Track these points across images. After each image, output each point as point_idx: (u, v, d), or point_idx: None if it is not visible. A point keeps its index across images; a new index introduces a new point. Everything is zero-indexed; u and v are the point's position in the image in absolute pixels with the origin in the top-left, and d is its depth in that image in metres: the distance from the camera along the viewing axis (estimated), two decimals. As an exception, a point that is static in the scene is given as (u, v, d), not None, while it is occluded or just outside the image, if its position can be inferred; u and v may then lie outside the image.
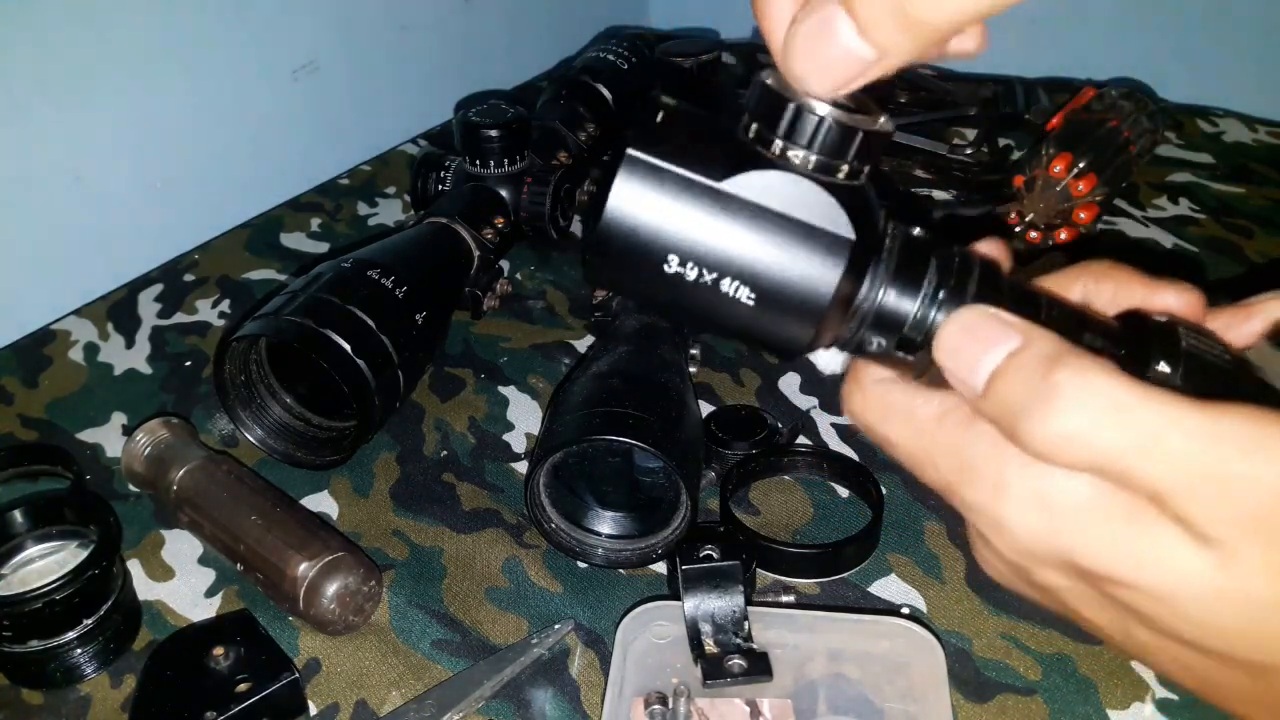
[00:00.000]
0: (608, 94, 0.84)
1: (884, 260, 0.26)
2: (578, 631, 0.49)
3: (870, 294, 0.26)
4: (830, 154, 0.25)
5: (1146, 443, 0.23)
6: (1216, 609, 0.23)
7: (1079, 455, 0.23)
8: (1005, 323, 0.25)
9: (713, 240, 0.25)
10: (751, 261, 0.25)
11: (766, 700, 0.43)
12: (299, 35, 0.85)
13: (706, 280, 0.25)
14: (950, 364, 0.25)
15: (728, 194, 0.25)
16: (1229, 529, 0.22)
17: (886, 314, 0.26)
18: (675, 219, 0.25)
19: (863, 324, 0.26)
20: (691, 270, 0.25)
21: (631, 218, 0.25)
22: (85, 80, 0.70)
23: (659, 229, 0.25)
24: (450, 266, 0.66)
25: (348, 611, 0.48)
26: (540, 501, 0.52)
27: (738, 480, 0.55)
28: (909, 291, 0.26)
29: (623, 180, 0.24)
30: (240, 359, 0.57)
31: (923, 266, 0.26)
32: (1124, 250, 0.77)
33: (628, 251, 0.25)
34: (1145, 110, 0.80)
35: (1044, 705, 0.45)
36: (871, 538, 0.52)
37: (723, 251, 0.25)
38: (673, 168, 0.24)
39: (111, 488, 0.58)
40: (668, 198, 0.24)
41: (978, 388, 0.25)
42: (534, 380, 0.66)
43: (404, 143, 0.95)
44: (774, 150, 0.25)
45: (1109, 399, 0.23)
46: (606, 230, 0.25)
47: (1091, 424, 0.23)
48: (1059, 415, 0.23)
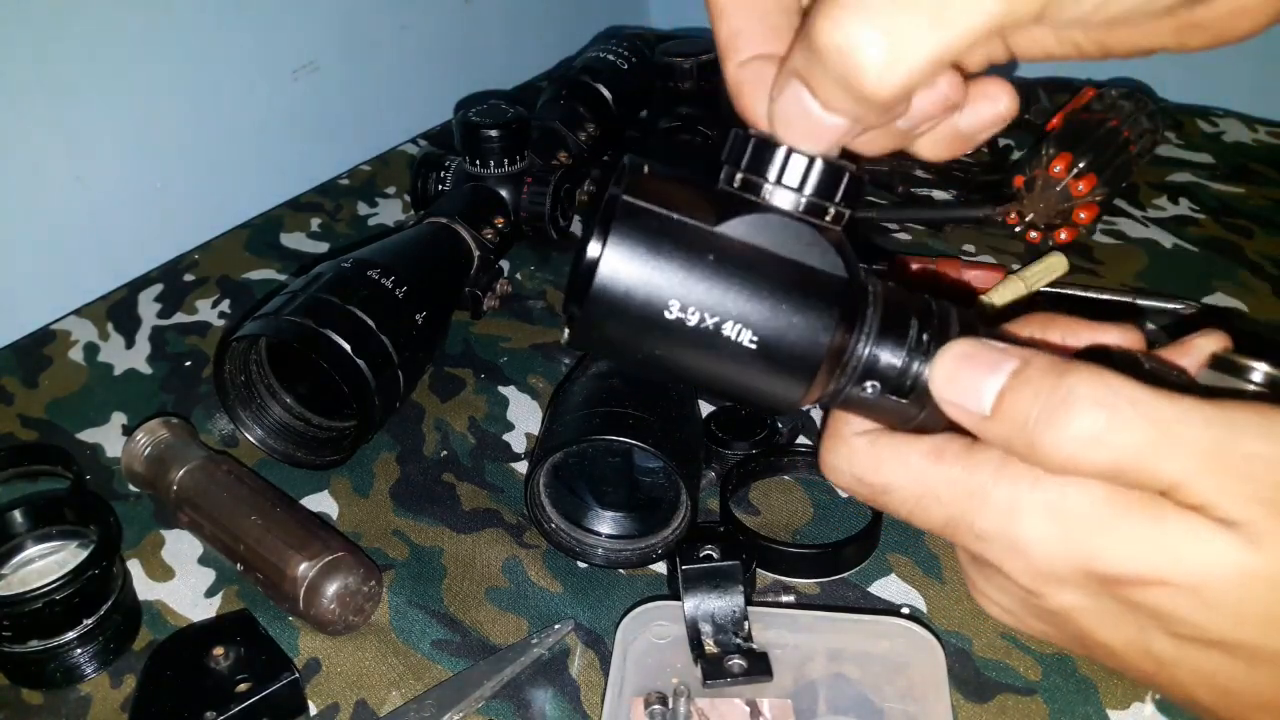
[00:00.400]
0: (608, 94, 0.84)
1: (870, 307, 0.26)
2: (578, 631, 0.49)
3: (862, 336, 0.26)
4: (819, 195, 0.25)
5: (1165, 434, 0.23)
6: (1245, 591, 0.23)
7: (1103, 455, 0.23)
8: (999, 348, 0.25)
9: (713, 283, 0.24)
10: (753, 303, 0.25)
11: (766, 700, 0.43)
12: (299, 35, 0.85)
13: (708, 324, 0.25)
14: (950, 392, 0.26)
15: (724, 236, 0.25)
16: (1251, 510, 0.23)
17: (878, 356, 0.26)
18: (674, 263, 0.24)
19: (855, 370, 0.26)
20: (693, 315, 0.24)
21: (631, 264, 0.24)
22: (85, 81, 0.70)
23: (658, 274, 0.24)
24: (450, 266, 0.66)
25: (348, 611, 0.48)
26: (540, 501, 0.52)
27: (738, 480, 0.55)
28: (898, 335, 0.26)
29: (620, 226, 0.24)
30: (240, 359, 0.57)
31: (906, 314, 0.26)
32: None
33: (626, 300, 0.24)
34: (1145, 110, 0.80)
35: (1044, 705, 0.45)
36: (871, 538, 0.52)
37: (723, 294, 0.24)
38: (667, 213, 0.24)
39: (111, 488, 0.58)
40: (665, 243, 0.24)
41: (984, 410, 0.25)
42: (534, 380, 0.66)
43: (404, 143, 0.95)
44: (763, 195, 0.25)
45: (1127, 396, 0.23)
46: (606, 281, 0.24)
47: (1111, 422, 0.23)
48: (1079, 417, 0.23)
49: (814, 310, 0.25)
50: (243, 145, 0.83)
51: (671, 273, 0.24)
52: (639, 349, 0.26)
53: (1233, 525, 0.23)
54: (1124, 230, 0.79)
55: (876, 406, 0.27)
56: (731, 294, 0.24)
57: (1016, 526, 0.25)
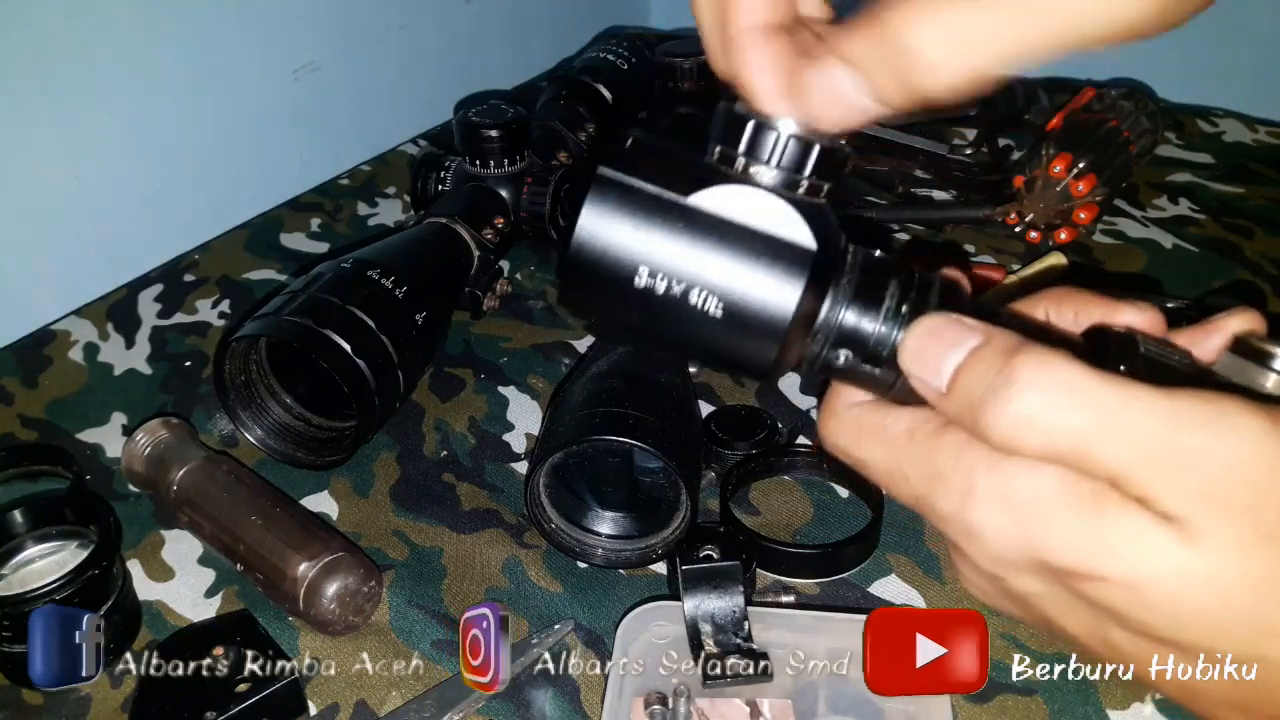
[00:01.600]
0: (608, 94, 0.84)
1: (845, 276, 0.27)
2: (578, 631, 0.49)
3: (834, 306, 0.27)
4: (790, 169, 0.26)
5: (1104, 422, 0.23)
6: (1183, 592, 0.23)
7: (1040, 439, 0.23)
8: (967, 324, 0.26)
9: (680, 252, 0.26)
10: (718, 271, 0.26)
11: (766, 700, 0.43)
12: (299, 35, 0.85)
13: (675, 292, 0.26)
14: (915, 367, 0.26)
15: (693, 208, 0.26)
16: (1190, 505, 0.22)
17: (850, 326, 0.27)
18: (644, 232, 0.26)
19: (828, 338, 0.27)
20: (661, 282, 0.26)
21: (603, 233, 0.26)
22: (85, 80, 0.70)
23: (629, 242, 0.26)
24: (450, 266, 0.66)
25: (348, 611, 0.48)
26: (540, 501, 0.52)
27: (738, 480, 0.55)
28: (872, 304, 0.27)
29: (594, 197, 0.26)
30: (240, 359, 0.57)
31: (884, 284, 0.27)
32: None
33: (600, 266, 0.26)
34: (1145, 110, 0.80)
35: (1044, 705, 0.45)
36: (871, 538, 0.52)
37: (690, 262, 0.26)
38: (640, 184, 0.26)
39: (111, 488, 0.58)
40: (636, 213, 0.26)
41: (942, 386, 0.25)
42: (534, 380, 0.66)
43: (404, 143, 0.95)
44: (737, 167, 0.26)
45: (1067, 381, 0.23)
46: (579, 246, 0.26)
47: (1049, 405, 0.23)
48: (1017, 399, 0.23)
49: (778, 280, 0.26)
50: (243, 145, 0.83)
51: (640, 241, 0.26)
52: (614, 312, 0.27)
53: (1172, 520, 0.23)
54: (1124, 230, 0.79)
55: (852, 374, 0.28)
56: (697, 263, 0.26)
57: (971, 511, 0.25)
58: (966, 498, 0.25)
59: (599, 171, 0.26)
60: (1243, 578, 0.22)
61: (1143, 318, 0.29)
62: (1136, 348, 0.26)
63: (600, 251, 0.26)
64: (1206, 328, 0.29)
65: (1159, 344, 0.27)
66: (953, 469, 0.25)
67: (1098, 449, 0.23)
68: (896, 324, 0.26)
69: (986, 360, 0.24)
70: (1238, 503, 0.22)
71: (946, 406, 0.26)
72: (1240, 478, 0.22)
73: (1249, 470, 0.22)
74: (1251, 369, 0.26)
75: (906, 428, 0.27)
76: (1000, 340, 0.25)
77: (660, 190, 0.26)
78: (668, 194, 0.26)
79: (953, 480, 0.25)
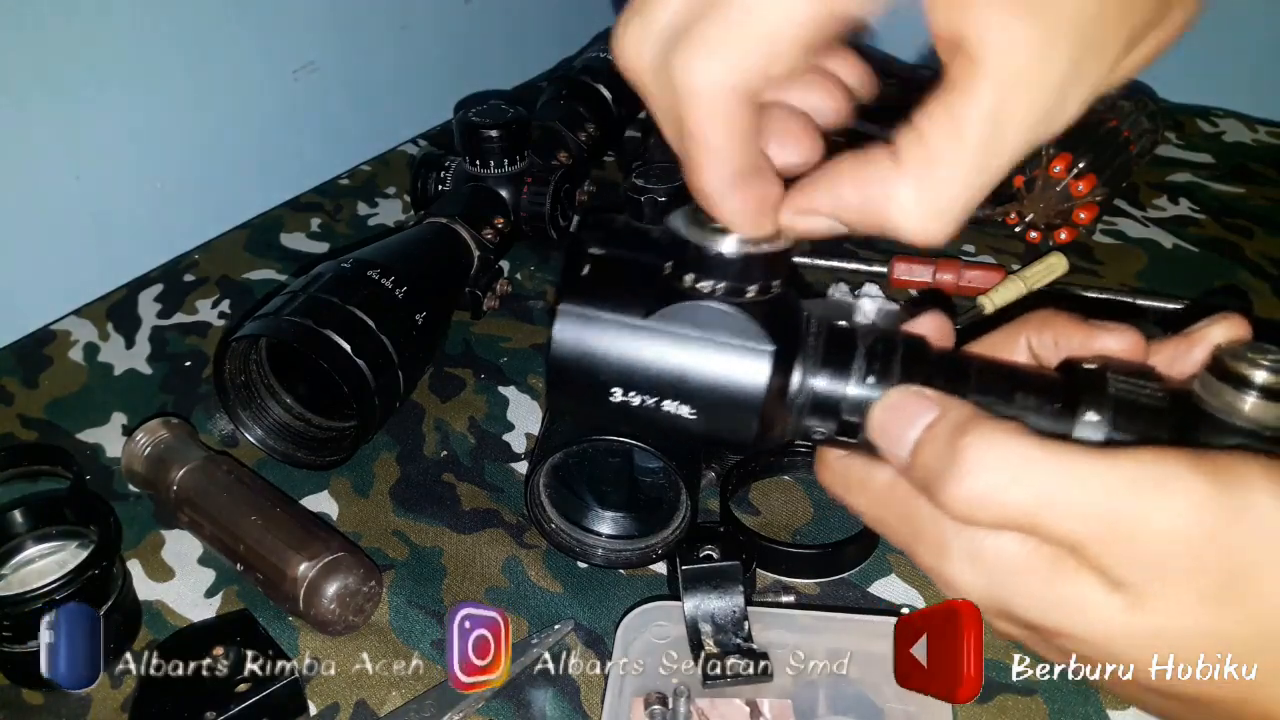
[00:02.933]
0: (608, 94, 0.84)
1: (810, 356, 0.28)
2: (578, 631, 0.49)
3: (803, 389, 0.28)
4: (737, 279, 0.27)
5: (1051, 497, 0.24)
6: (1132, 648, 0.25)
7: (994, 514, 0.25)
8: (925, 397, 0.27)
9: (646, 369, 0.28)
10: (684, 383, 0.28)
11: (766, 700, 0.43)
12: (299, 35, 0.85)
13: (650, 404, 0.28)
14: (880, 440, 0.28)
15: (652, 327, 0.27)
16: (1135, 572, 0.24)
17: (821, 405, 0.28)
18: (611, 356, 0.28)
19: (800, 420, 0.29)
20: (635, 398, 0.28)
21: (573, 361, 0.28)
22: (85, 80, 0.70)
23: (598, 366, 0.28)
24: (450, 266, 0.66)
25: (348, 611, 0.48)
26: (540, 501, 0.52)
27: (738, 480, 0.55)
28: (838, 380, 0.28)
29: (559, 329, 0.28)
30: (240, 359, 0.57)
31: (849, 355, 0.28)
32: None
33: (577, 387, 0.28)
34: (1145, 110, 0.80)
35: (1044, 705, 0.45)
36: (871, 538, 0.52)
37: (657, 378, 0.28)
38: (600, 313, 0.28)
39: (111, 488, 0.58)
40: (602, 339, 0.28)
41: (904, 460, 0.27)
42: (534, 380, 0.66)
43: (404, 143, 0.95)
44: (686, 283, 0.28)
45: (1012, 459, 0.25)
46: (555, 373, 0.28)
47: (995, 485, 0.25)
48: (965, 478, 0.25)
49: (740, 384, 0.27)
50: (243, 145, 0.83)
51: (608, 366, 0.28)
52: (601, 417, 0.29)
53: (1120, 587, 0.24)
54: (1124, 230, 0.79)
55: (832, 443, 0.29)
56: (663, 378, 0.28)
57: (946, 566, 0.27)
58: (940, 554, 0.27)
59: (560, 306, 0.28)
60: (1185, 639, 0.24)
61: (1121, 342, 0.29)
62: (1106, 387, 0.27)
63: (574, 374, 0.28)
64: (1189, 339, 0.29)
65: (1129, 378, 0.28)
66: (928, 525, 0.27)
67: (1047, 523, 0.24)
68: (865, 392, 0.28)
69: (939, 438, 0.26)
70: (1180, 568, 0.23)
71: (910, 477, 0.27)
72: (1182, 544, 0.23)
73: (1190, 535, 0.23)
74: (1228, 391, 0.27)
75: (888, 480, 0.28)
76: (953, 415, 0.26)
77: (619, 315, 0.28)
78: (627, 318, 0.28)
79: (928, 535, 0.27)
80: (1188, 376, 0.29)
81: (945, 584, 0.27)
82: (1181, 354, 0.29)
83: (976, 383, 0.28)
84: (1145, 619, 0.24)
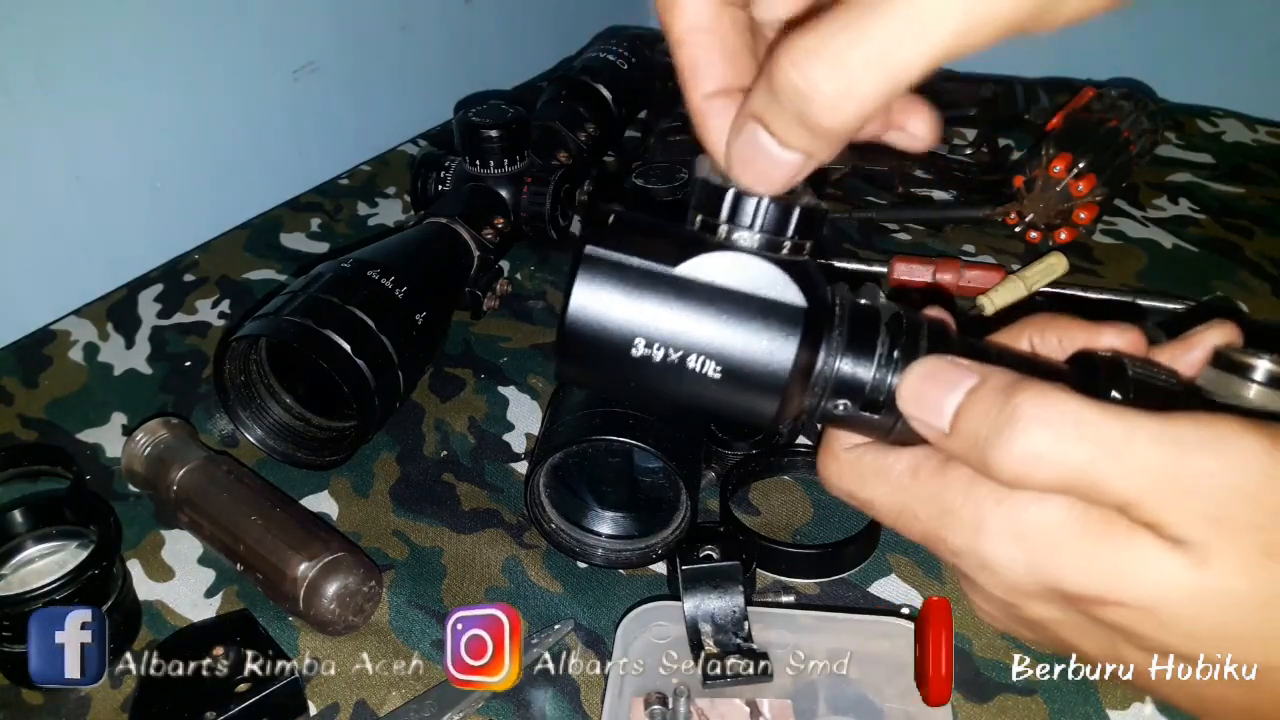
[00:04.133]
0: (608, 94, 0.84)
1: (837, 328, 0.27)
2: (578, 631, 0.49)
3: (829, 359, 0.27)
4: (772, 231, 0.26)
5: (1110, 452, 0.23)
6: (1197, 611, 0.24)
7: (1048, 473, 0.24)
8: (962, 365, 0.26)
9: (674, 321, 0.26)
10: (713, 337, 0.26)
11: (766, 700, 0.43)
12: (299, 35, 0.85)
13: (673, 359, 0.27)
14: (915, 410, 0.27)
15: (682, 277, 0.26)
16: (1198, 528, 0.23)
17: (846, 377, 0.27)
18: (637, 305, 0.26)
19: (825, 389, 0.28)
20: (658, 351, 0.27)
21: (597, 308, 0.26)
22: (85, 80, 0.70)
23: (623, 315, 0.26)
24: (450, 266, 0.66)
25: (348, 612, 0.48)
26: (540, 501, 0.52)
27: (738, 480, 0.55)
28: (864, 354, 0.27)
29: (584, 274, 0.26)
30: (240, 359, 0.57)
31: (874, 331, 0.27)
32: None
33: (596, 340, 0.27)
34: (1145, 110, 0.80)
35: (1044, 705, 0.45)
36: (871, 538, 0.52)
37: (685, 330, 0.26)
38: (628, 259, 0.26)
39: (111, 488, 0.58)
40: (627, 286, 0.26)
41: (944, 427, 0.26)
42: (534, 380, 0.66)
43: (404, 143, 0.95)
44: (720, 235, 0.27)
45: (1070, 415, 0.24)
46: (574, 322, 0.27)
47: (1056, 439, 0.24)
48: (1024, 435, 0.24)
49: (772, 341, 0.26)
50: (243, 145, 0.83)
51: (633, 314, 0.26)
52: (615, 381, 0.28)
53: (1181, 544, 0.23)
54: (1124, 230, 0.79)
55: (853, 421, 0.28)
56: (691, 331, 0.26)
57: (983, 545, 0.26)
58: (978, 531, 0.26)
59: (586, 250, 0.26)
60: (1252, 594, 0.23)
61: (1124, 339, 0.29)
62: (1125, 371, 0.27)
63: (595, 326, 0.27)
64: (1186, 342, 0.29)
65: (1144, 365, 0.28)
66: (961, 504, 0.26)
67: (1106, 479, 0.23)
68: (890, 370, 0.27)
69: (987, 400, 0.25)
70: (1243, 524, 0.23)
71: (950, 446, 0.26)
72: (1245, 499, 0.23)
73: (1253, 491, 0.23)
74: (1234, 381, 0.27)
75: (909, 466, 0.28)
76: (997, 379, 0.25)
77: (648, 263, 0.26)
78: (656, 265, 0.26)
79: (962, 515, 0.26)
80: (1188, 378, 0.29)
81: (979, 565, 0.26)
82: (1179, 356, 0.29)
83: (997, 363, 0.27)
84: (1210, 577, 0.23)
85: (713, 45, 0.27)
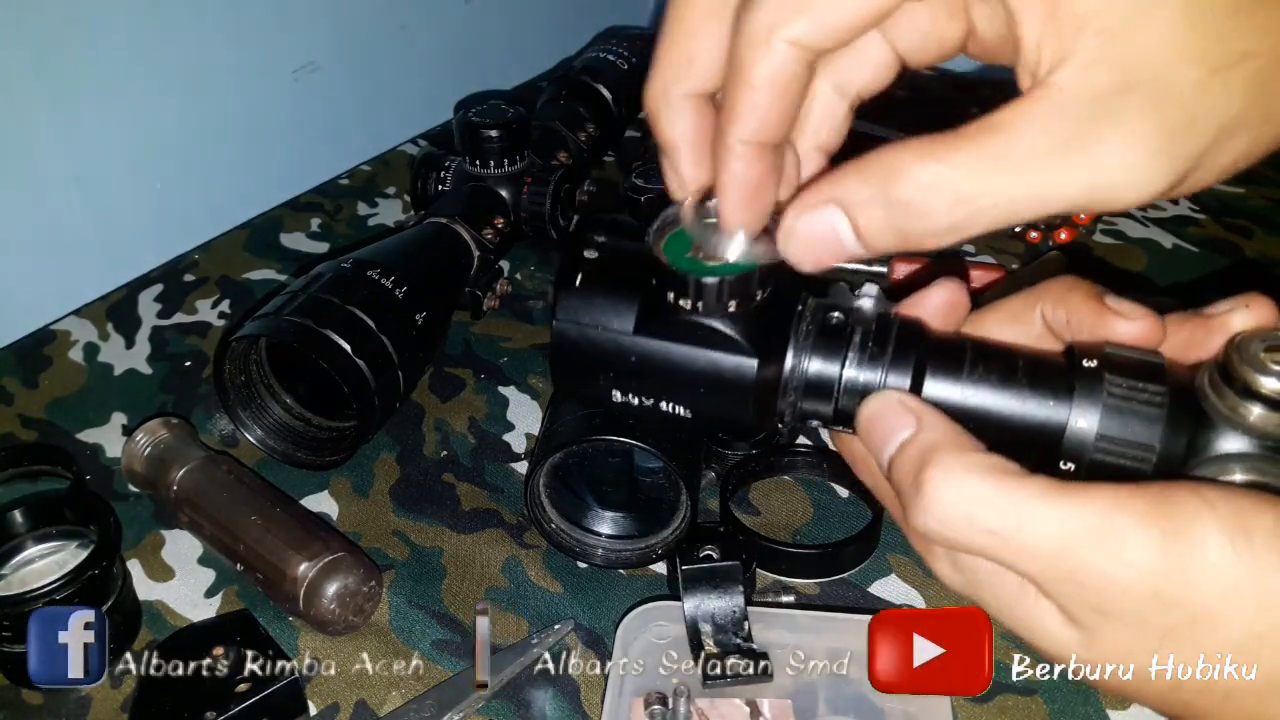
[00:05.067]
0: (608, 94, 0.84)
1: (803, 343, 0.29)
2: (578, 631, 0.49)
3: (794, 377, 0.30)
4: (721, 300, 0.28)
5: (1006, 538, 0.25)
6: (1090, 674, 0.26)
7: (952, 545, 0.26)
8: (905, 408, 0.28)
9: (640, 378, 0.30)
10: (677, 389, 0.30)
11: (766, 700, 0.43)
12: (299, 35, 0.85)
13: (648, 404, 0.31)
14: (867, 444, 0.29)
15: (640, 342, 0.29)
16: (1085, 615, 0.25)
17: (815, 390, 0.30)
18: (605, 366, 0.30)
19: (799, 402, 0.30)
20: (634, 399, 0.31)
21: (571, 368, 0.31)
22: (85, 81, 0.70)
23: (596, 374, 0.30)
24: (450, 266, 0.66)
25: (348, 612, 0.48)
26: (540, 502, 0.52)
27: (738, 480, 0.55)
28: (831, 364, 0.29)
29: (557, 341, 0.30)
30: (240, 359, 0.57)
31: (841, 342, 0.29)
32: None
33: (579, 388, 0.31)
34: (1145, 110, 0.80)
35: (1044, 705, 0.45)
36: (871, 538, 0.52)
37: (651, 385, 0.30)
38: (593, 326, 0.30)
39: (111, 488, 0.58)
40: (595, 350, 0.30)
41: (885, 469, 0.28)
42: (534, 380, 0.66)
43: (404, 143, 0.95)
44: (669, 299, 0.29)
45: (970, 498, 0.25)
46: (558, 378, 0.31)
47: (951, 522, 0.25)
48: (923, 513, 0.26)
49: (728, 391, 0.29)
50: (243, 145, 0.83)
51: (605, 374, 0.30)
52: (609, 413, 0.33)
53: (1074, 623, 0.26)
54: (1124, 230, 0.79)
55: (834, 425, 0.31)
56: (657, 386, 0.30)
57: (929, 559, 0.29)
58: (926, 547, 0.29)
59: (555, 324, 0.30)
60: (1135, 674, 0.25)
61: (1135, 330, 0.28)
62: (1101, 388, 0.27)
63: (575, 381, 0.31)
64: (1208, 324, 0.29)
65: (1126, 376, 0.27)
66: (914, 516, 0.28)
67: (1006, 560, 0.25)
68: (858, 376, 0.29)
69: (908, 463, 0.27)
70: (1124, 617, 0.24)
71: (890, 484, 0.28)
72: (1126, 596, 0.24)
73: (1133, 589, 0.24)
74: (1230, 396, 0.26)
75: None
76: (923, 438, 0.27)
77: (610, 330, 0.30)
78: (617, 333, 0.29)
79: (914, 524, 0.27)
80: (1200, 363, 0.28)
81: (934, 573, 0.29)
82: (1199, 338, 0.29)
83: (969, 369, 0.28)
84: (1097, 653, 0.25)
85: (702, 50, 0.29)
